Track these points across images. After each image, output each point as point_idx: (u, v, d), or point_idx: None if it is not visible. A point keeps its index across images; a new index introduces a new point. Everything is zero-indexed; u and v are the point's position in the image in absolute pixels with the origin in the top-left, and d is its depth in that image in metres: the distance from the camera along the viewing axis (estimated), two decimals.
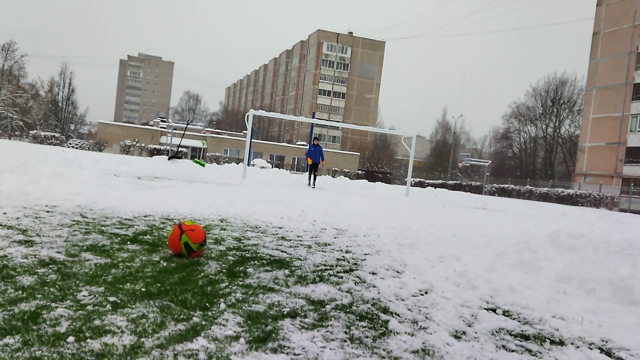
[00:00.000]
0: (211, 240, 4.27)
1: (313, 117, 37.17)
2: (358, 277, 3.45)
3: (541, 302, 3.17)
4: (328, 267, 3.68)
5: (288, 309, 2.53)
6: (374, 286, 3.23)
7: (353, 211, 8.58)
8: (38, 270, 2.73)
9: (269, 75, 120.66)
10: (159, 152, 47.32)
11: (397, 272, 3.74)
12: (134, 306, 2.31)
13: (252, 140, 56.02)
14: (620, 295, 3.34)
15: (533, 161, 70.87)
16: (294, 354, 1.96)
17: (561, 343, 2.47)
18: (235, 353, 1.91)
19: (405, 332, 2.38)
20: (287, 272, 3.37)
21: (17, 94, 61.29)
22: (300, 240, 4.80)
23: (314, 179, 17.70)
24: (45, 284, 2.51)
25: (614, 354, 2.39)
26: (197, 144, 51.62)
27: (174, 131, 46.71)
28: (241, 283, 2.95)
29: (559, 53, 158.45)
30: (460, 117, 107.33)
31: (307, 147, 25.61)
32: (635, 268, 4.25)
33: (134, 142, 50.46)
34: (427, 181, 55.77)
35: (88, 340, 1.87)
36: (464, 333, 2.47)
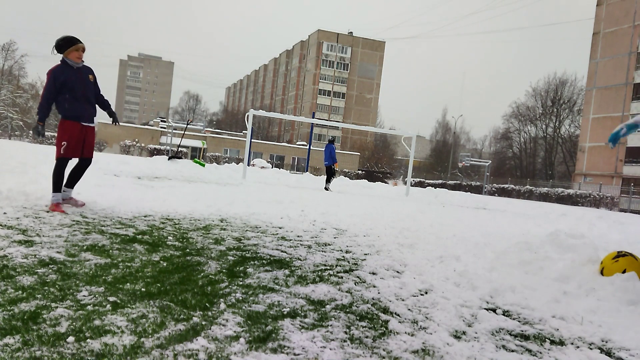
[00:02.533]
0: (211, 240, 4.27)
1: (313, 117, 37.15)
2: (358, 277, 3.45)
3: (541, 302, 3.17)
4: (328, 267, 3.68)
5: (288, 309, 2.53)
6: (374, 286, 3.23)
7: (353, 211, 8.58)
8: (38, 270, 2.73)
9: (269, 75, 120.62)
10: (159, 152, 47.34)
11: (397, 272, 3.74)
12: (134, 306, 2.31)
13: (252, 140, 55.98)
14: (620, 295, 3.34)
15: (533, 161, 70.86)
16: (294, 354, 1.96)
17: (561, 343, 2.48)
18: (235, 353, 1.91)
19: (405, 332, 2.38)
20: (287, 272, 3.37)
21: (17, 94, 61.31)
22: (300, 240, 4.80)
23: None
24: (45, 284, 2.51)
25: (614, 354, 2.39)
26: (197, 144, 51.65)
27: (174, 131, 46.73)
28: (241, 283, 2.95)
29: (559, 53, 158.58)
30: (460, 117, 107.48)
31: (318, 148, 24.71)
32: None
33: (134, 142, 50.47)
34: (427, 181, 55.79)
35: (88, 340, 1.87)
36: (464, 333, 2.47)
